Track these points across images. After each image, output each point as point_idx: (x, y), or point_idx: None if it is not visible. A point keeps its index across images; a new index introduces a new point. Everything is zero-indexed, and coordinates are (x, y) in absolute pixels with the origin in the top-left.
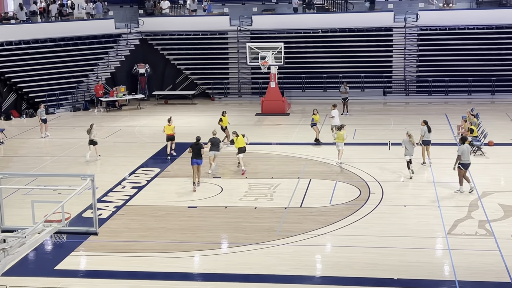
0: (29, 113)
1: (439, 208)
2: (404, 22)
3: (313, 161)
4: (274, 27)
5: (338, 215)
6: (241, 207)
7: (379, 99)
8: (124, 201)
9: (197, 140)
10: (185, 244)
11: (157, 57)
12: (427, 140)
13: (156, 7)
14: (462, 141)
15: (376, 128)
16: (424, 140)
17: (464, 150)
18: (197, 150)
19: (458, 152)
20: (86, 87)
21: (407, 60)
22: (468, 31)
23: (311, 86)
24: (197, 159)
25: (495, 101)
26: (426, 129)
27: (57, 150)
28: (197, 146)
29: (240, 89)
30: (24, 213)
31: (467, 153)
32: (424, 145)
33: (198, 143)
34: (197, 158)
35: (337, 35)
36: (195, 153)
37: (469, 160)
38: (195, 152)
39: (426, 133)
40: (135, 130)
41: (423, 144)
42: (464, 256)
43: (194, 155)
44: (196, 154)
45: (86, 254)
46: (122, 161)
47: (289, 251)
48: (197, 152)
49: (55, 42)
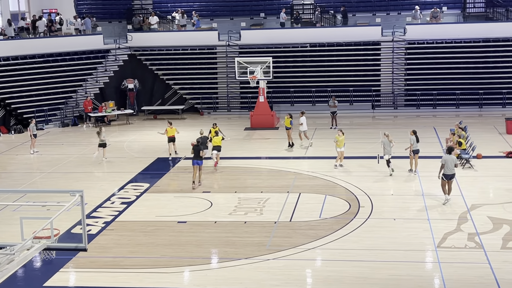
0: (17, 129)
1: (429, 221)
2: (392, 36)
3: (303, 175)
4: (262, 42)
5: (327, 229)
6: (230, 222)
7: (367, 112)
8: (113, 217)
9: (198, 142)
10: (175, 260)
11: (146, 72)
12: (416, 149)
13: (144, 23)
14: (449, 151)
15: (365, 142)
16: (413, 150)
17: (447, 160)
18: (197, 152)
19: (441, 161)
20: (75, 103)
21: (395, 74)
22: (455, 44)
23: (300, 100)
24: (197, 160)
25: (483, 114)
26: (415, 138)
27: (46, 166)
28: (197, 148)
29: (229, 104)
30: (13, 229)
31: (451, 164)
32: (414, 154)
33: (198, 145)
34: (197, 159)
35: (325, 49)
36: (195, 154)
37: (452, 171)
38: (195, 153)
39: (414, 143)
40: (124, 145)
41: (413, 153)
42: (454, 269)
43: (194, 156)
44: (196, 155)
45: (76, 271)
46: (111, 176)
47: (279, 266)
48: (197, 154)
49: (43, 58)
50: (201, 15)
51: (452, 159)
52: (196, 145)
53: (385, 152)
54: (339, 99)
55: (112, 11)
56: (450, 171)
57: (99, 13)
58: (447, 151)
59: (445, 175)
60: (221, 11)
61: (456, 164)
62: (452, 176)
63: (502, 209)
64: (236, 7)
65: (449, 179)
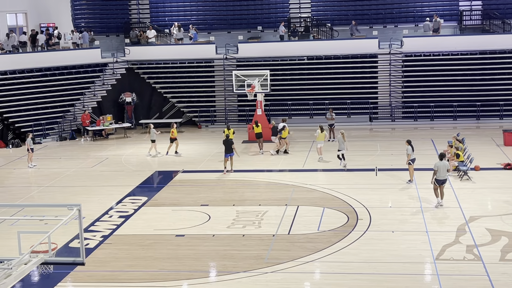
0: (15, 143)
1: (427, 233)
2: (389, 48)
3: (301, 188)
4: (259, 55)
5: (326, 241)
6: (229, 235)
7: (365, 125)
8: (111, 231)
9: (227, 137)
10: (173, 273)
11: (144, 86)
12: (412, 158)
13: (142, 36)
14: (440, 157)
15: (363, 154)
16: (411, 159)
17: (440, 166)
18: (229, 145)
19: (434, 168)
20: (72, 117)
21: (392, 86)
22: (452, 57)
23: (298, 112)
24: (229, 153)
25: (481, 126)
26: (411, 148)
27: (43, 180)
28: (228, 142)
29: (226, 117)
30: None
31: (443, 170)
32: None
33: (228, 140)
34: (229, 152)
35: (323, 62)
36: (226, 148)
37: (444, 177)
38: (226, 147)
39: (411, 153)
40: (122, 158)
41: (411, 162)
42: (452, 281)
43: (226, 150)
44: (228, 149)
45: (73, 285)
46: (109, 190)
47: (278, 279)
48: (228, 147)
49: (41, 72)
50: (198, 28)
51: (444, 165)
52: (226, 140)
53: (339, 148)
54: (337, 111)
55: (110, 25)
56: (442, 176)
57: (96, 27)
58: (439, 157)
59: (437, 180)
60: (219, 25)
61: (448, 169)
62: (444, 181)
63: (500, 221)
64: (233, 20)
65: (441, 184)
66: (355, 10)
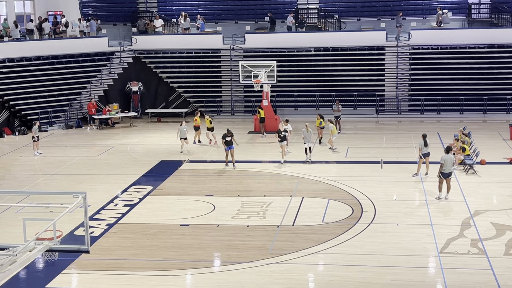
0: (21, 131)
1: (432, 226)
2: (396, 41)
3: (306, 179)
4: (267, 46)
5: (330, 233)
6: (233, 225)
7: (371, 117)
8: (116, 219)
9: (228, 132)
10: (177, 263)
11: (150, 75)
12: (425, 152)
13: (149, 26)
14: (447, 150)
15: (369, 147)
16: (423, 153)
17: (447, 159)
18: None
19: (441, 161)
20: (79, 105)
21: (399, 79)
22: (460, 50)
23: (304, 104)
24: (230, 146)
25: (487, 120)
26: (423, 142)
27: (49, 168)
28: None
29: (232, 107)
30: (16, 230)
31: (450, 163)
32: (424, 157)
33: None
34: (229, 145)
35: (330, 53)
36: (227, 142)
37: (450, 170)
38: (226, 140)
39: (423, 147)
40: (128, 148)
41: (423, 156)
42: (456, 275)
43: (226, 143)
44: (227, 142)
45: (78, 272)
46: (114, 178)
47: (282, 270)
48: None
49: (48, 60)
50: (206, 18)
51: (450, 159)
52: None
53: (305, 141)
54: (343, 103)
55: (117, 13)
56: (448, 169)
57: (104, 15)
58: (445, 150)
59: (443, 174)
60: (226, 15)
61: (453, 162)
62: (450, 174)
63: (505, 215)
64: (241, 10)
65: (446, 177)
66: (363, 2)
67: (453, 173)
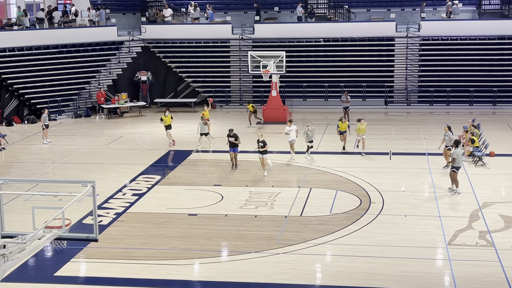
0: (30, 119)
1: (440, 218)
2: (406, 32)
3: (314, 170)
4: (276, 36)
5: (338, 224)
6: (241, 215)
7: (380, 108)
8: (124, 208)
9: (230, 132)
10: (185, 252)
11: (159, 65)
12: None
13: (158, 15)
14: (456, 144)
15: (377, 138)
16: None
17: (459, 154)
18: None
19: (453, 156)
20: (88, 94)
21: (408, 70)
22: (470, 41)
23: (313, 95)
24: (234, 148)
25: (497, 111)
26: (451, 134)
27: (58, 156)
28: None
29: (241, 97)
30: (25, 219)
31: (460, 157)
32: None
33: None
34: (233, 147)
35: (339, 44)
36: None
37: (460, 164)
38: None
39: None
40: (136, 137)
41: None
42: (464, 267)
43: (231, 145)
44: (232, 144)
45: (86, 261)
46: (123, 168)
47: (289, 260)
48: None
49: (57, 49)
50: (215, 8)
51: (461, 152)
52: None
53: (307, 139)
54: (352, 94)
55: (127, 3)
56: (459, 163)
57: (113, 4)
58: (455, 144)
59: (457, 167)
60: (235, 5)
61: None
62: (459, 167)
63: None
64: (250, 0)
65: (458, 171)
66: None
67: (462, 166)
